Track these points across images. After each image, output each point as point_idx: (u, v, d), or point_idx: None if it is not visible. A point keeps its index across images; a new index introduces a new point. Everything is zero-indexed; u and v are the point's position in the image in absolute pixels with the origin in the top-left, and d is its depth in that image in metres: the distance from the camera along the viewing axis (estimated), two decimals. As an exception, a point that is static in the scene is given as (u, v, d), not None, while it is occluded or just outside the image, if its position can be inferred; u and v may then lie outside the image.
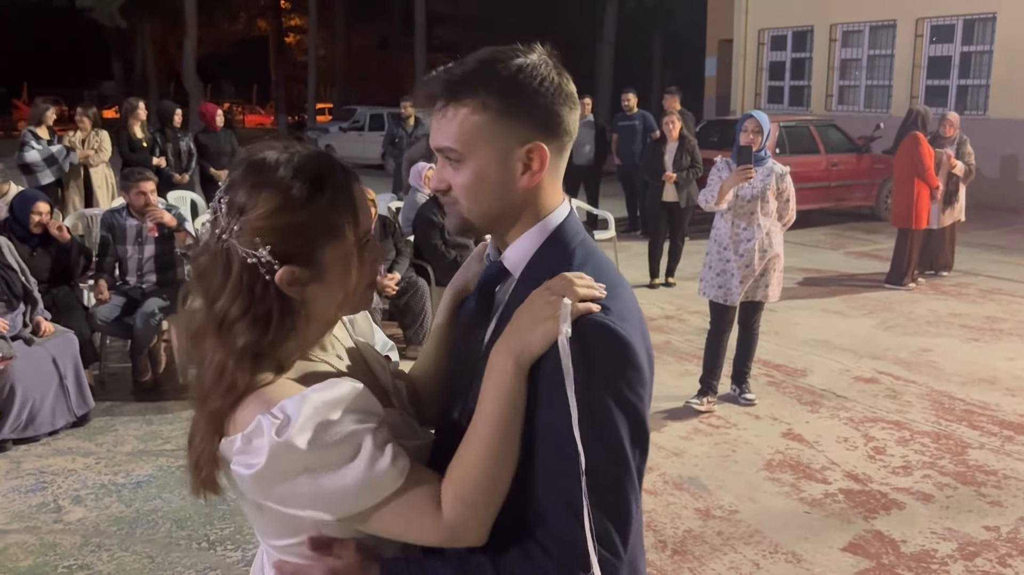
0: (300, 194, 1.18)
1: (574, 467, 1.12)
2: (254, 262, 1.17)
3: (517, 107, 1.22)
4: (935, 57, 15.20)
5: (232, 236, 1.18)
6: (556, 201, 1.31)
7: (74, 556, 3.57)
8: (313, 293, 1.22)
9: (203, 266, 1.22)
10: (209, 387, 1.19)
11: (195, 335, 1.23)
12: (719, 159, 5.24)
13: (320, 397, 1.14)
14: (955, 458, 4.54)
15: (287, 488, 1.13)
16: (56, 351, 4.81)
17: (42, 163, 8.51)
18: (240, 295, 1.18)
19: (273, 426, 1.11)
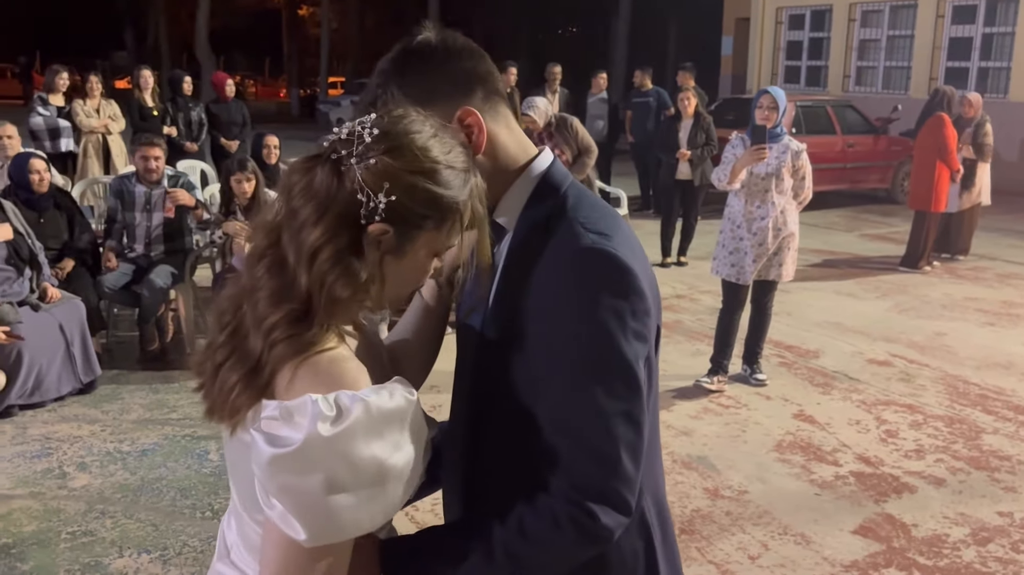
0: (447, 174, 1.11)
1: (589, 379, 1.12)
2: (363, 200, 1.06)
3: (422, 90, 1.22)
4: (956, 38, 14.96)
5: (361, 164, 1.07)
6: (529, 150, 1.29)
7: (78, 522, 3.56)
8: (386, 266, 1.12)
9: (297, 183, 1.10)
10: (279, 320, 1.07)
11: (258, 253, 1.12)
12: (734, 135, 5.15)
13: (377, 404, 1.05)
14: (969, 443, 4.48)
15: (293, 483, 1.02)
16: (63, 318, 4.78)
17: (44, 131, 8.48)
18: (339, 231, 1.06)
19: (320, 418, 1.01)
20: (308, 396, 1.03)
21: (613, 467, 1.13)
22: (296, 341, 1.07)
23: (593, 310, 1.13)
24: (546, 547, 1.14)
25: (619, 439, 1.13)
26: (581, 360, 1.13)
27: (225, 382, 1.11)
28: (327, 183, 1.08)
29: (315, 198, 1.08)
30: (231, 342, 1.13)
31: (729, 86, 19.45)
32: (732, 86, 19.33)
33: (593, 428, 1.13)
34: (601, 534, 1.14)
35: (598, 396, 1.12)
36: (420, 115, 1.15)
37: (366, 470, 1.03)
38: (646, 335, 1.17)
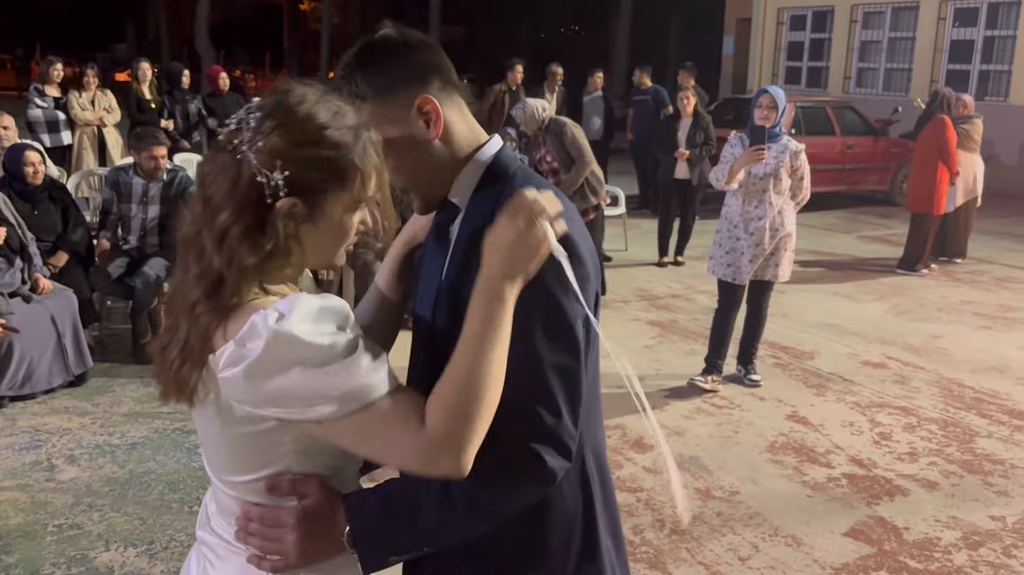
0: (335, 136, 1.19)
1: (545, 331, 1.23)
2: (263, 182, 1.16)
3: (382, 82, 1.31)
4: (957, 41, 14.93)
5: (251, 150, 1.16)
6: (480, 136, 1.40)
7: (65, 515, 3.54)
8: (303, 233, 1.21)
9: (208, 174, 1.20)
10: (199, 297, 1.17)
11: (186, 240, 1.22)
12: (733, 135, 5.13)
13: (314, 300, 1.15)
14: (962, 446, 4.46)
15: (278, 382, 1.12)
16: (55, 310, 4.76)
17: (43, 123, 8.46)
18: (244, 212, 1.16)
19: (269, 318, 1.11)
20: (250, 317, 1.13)
21: (555, 414, 1.23)
22: (215, 306, 1.17)
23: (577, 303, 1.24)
24: (499, 488, 1.23)
25: (560, 390, 1.23)
26: (524, 318, 1.21)
27: (167, 362, 1.20)
28: (229, 172, 1.18)
29: (221, 187, 1.18)
30: (171, 328, 1.22)
31: (730, 86, 19.42)
32: (733, 86, 19.29)
33: (536, 380, 1.23)
34: (547, 475, 1.23)
35: (540, 351, 1.23)
36: (302, 86, 1.23)
37: (331, 344, 1.13)
38: (585, 297, 1.26)
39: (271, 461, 1.22)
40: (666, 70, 25.43)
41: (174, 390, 1.20)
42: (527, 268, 1.19)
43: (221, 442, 1.24)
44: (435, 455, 1.15)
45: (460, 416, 1.15)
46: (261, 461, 1.23)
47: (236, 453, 1.24)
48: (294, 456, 1.22)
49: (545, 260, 1.21)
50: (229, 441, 1.23)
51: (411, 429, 1.15)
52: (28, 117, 8.43)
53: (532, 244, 1.18)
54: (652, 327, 6.38)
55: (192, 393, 1.19)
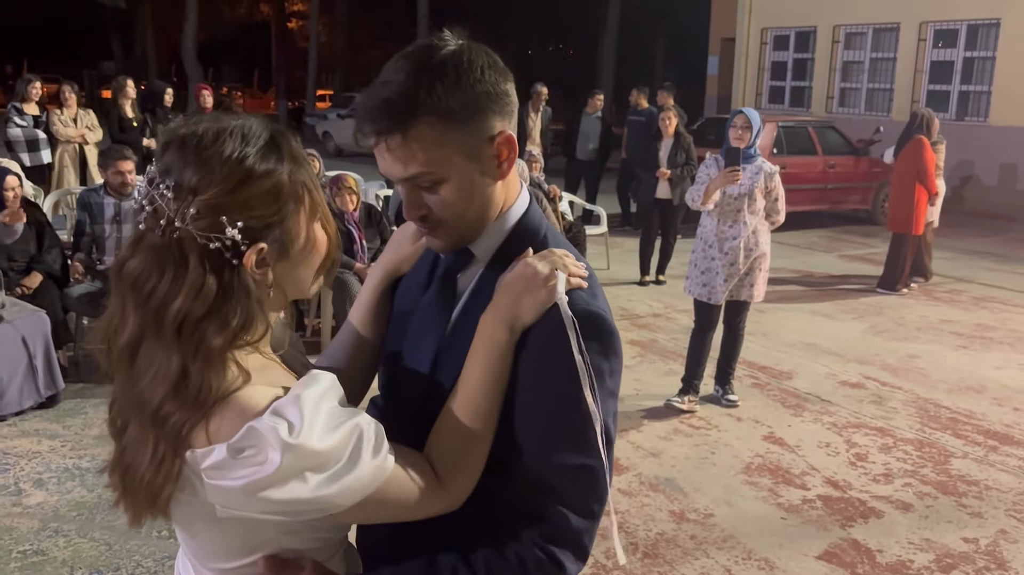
0: (259, 161, 1.07)
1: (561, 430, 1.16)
2: (217, 247, 1.04)
3: (469, 103, 1.14)
4: (937, 62, 15.10)
5: (187, 223, 1.03)
6: (517, 187, 1.28)
7: (30, 541, 3.49)
8: (278, 273, 1.11)
9: (138, 269, 1.06)
10: (163, 400, 1.04)
11: (128, 349, 1.07)
12: (708, 156, 5.15)
13: (311, 394, 1.05)
14: (937, 467, 4.46)
15: (290, 491, 1.02)
16: (26, 330, 4.71)
17: (23, 143, 8.41)
18: (200, 291, 1.03)
19: (278, 429, 1.01)
20: (248, 425, 1.01)
21: (586, 519, 1.18)
22: (185, 404, 1.05)
23: (574, 363, 1.15)
24: None
25: (590, 494, 1.18)
26: (561, 418, 1.16)
27: (134, 477, 1.08)
28: (167, 258, 1.05)
29: (162, 279, 1.05)
30: (130, 445, 1.10)
31: (715, 105, 19.55)
32: (717, 106, 19.43)
33: (568, 484, 1.16)
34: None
35: (574, 454, 1.16)
36: (191, 125, 1.09)
37: (345, 438, 1.06)
38: (617, 392, 1.23)
39: (259, 546, 1.14)
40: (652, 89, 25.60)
41: (145, 506, 1.08)
42: (530, 312, 1.16)
43: (203, 535, 1.14)
44: (450, 501, 1.16)
45: (468, 465, 1.16)
46: (248, 548, 1.14)
47: (219, 543, 1.15)
48: (283, 537, 1.14)
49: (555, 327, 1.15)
50: (211, 534, 1.13)
51: (430, 486, 1.14)
52: (7, 136, 8.39)
53: (542, 292, 1.16)
54: (632, 346, 6.37)
55: (166, 505, 1.08)
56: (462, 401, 1.17)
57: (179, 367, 1.04)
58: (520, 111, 8.46)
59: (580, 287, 1.19)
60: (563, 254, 1.21)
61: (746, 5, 18.03)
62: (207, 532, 1.13)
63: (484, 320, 1.18)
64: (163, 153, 1.07)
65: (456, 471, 1.16)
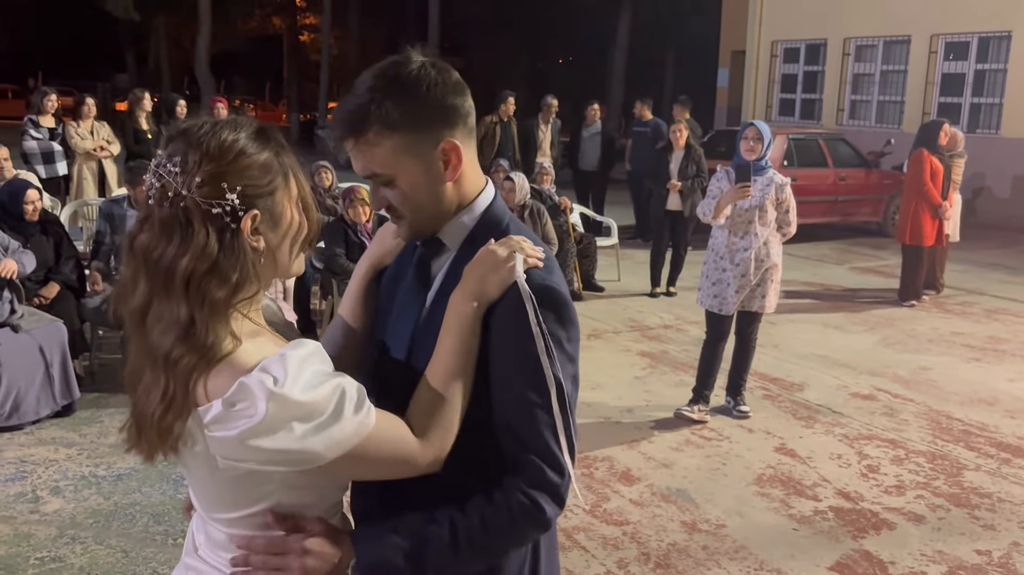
0: (251, 142, 1.25)
1: (529, 394, 1.32)
2: (219, 212, 1.20)
3: (415, 116, 1.33)
4: (949, 74, 15.10)
5: (193, 191, 1.19)
6: (479, 183, 1.45)
7: (47, 548, 3.53)
8: (268, 242, 1.26)
9: (148, 241, 1.21)
10: (173, 345, 1.19)
11: (138, 311, 1.22)
12: (719, 169, 5.18)
13: (297, 354, 1.19)
14: (950, 479, 4.46)
15: (278, 441, 1.16)
16: (44, 340, 4.77)
17: (39, 155, 8.50)
18: (205, 249, 1.19)
19: (264, 381, 1.15)
20: (238, 380, 1.16)
21: (556, 466, 1.34)
22: (192, 348, 1.19)
23: (534, 333, 1.32)
24: (503, 535, 1.34)
25: (554, 442, 1.34)
26: (527, 376, 1.32)
27: (145, 416, 1.22)
28: (174, 225, 1.20)
29: (170, 244, 1.20)
30: (145, 389, 1.24)
31: (724, 118, 19.57)
32: (728, 118, 19.45)
33: (537, 435, 1.33)
34: (545, 522, 1.35)
35: (539, 409, 1.33)
36: (190, 123, 1.26)
37: (327, 392, 1.19)
38: (575, 357, 1.39)
39: (260, 498, 1.26)
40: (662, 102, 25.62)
41: (158, 442, 1.22)
42: (493, 290, 1.33)
43: (208, 484, 1.27)
44: (429, 462, 1.30)
45: (444, 423, 1.31)
46: (250, 498, 1.26)
47: (224, 493, 1.27)
48: (283, 490, 1.26)
49: (515, 302, 1.32)
50: (216, 483, 1.26)
51: (410, 444, 1.27)
52: (23, 149, 8.47)
53: (503, 271, 1.33)
54: (643, 358, 6.39)
55: (176, 443, 1.21)
56: (436, 367, 1.33)
57: (187, 316, 1.19)
58: (530, 123, 8.65)
59: (536, 266, 1.36)
60: (521, 239, 1.37)
61: (756, 18, 18.08)
62: (211, 482, 1.26)
63: (453, 298, 1.35)
64: (169, 142, 1.24)
65: (433, 429, 1.30)
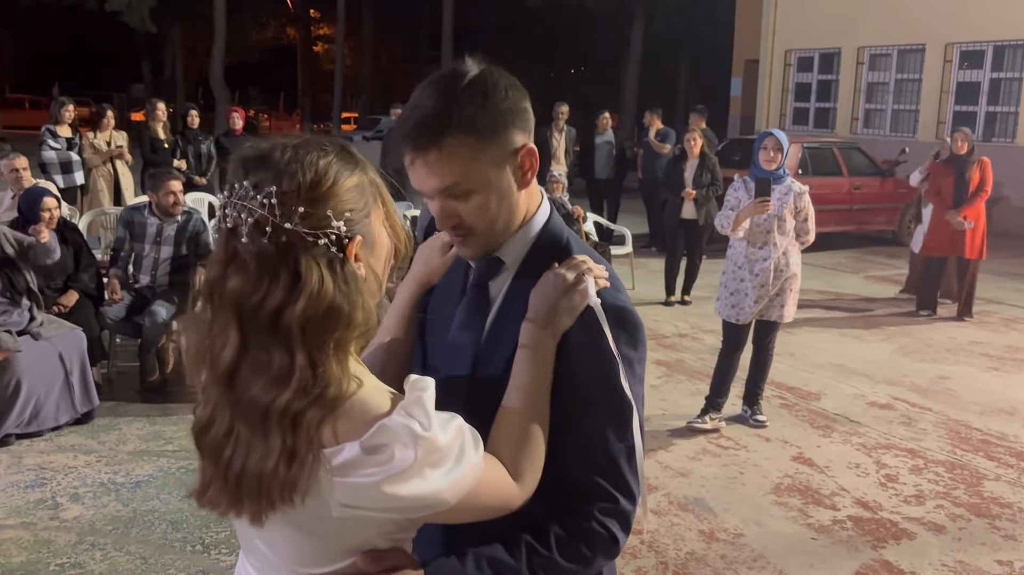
0: (343, 164, 1.14)
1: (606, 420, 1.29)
2: (324, 243, 1.09)
3: (495, 121, 1.27)
4: (964, 83, 15.04)
5: (296, 223, 1.07)
6: (539, 197, 1.41)
7: (67, 554, 3.54)
8: (371, 267, 1.17)
9: (243, 285, 1.09)
10: (292, 400, 1.08)
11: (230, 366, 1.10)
12: (736, 178, 5.17)
13: (430, 396, 1.13)
14: (970, 489, 4.43)
15: (414, 487, 1.09)
16: (63, 347, 4.80)
17: (57, 165, 8.57)
18: (323, 286, 1.08)
19: (410, 426, 1.08)
20: (379, 423, 1.08)
21: (626, 493, 1.31)
22: (317, 401, 1.09)
23: (611, 356, 1.30)
24: (577, 563, 1.29)
25: (628, 469, 1.32)
26: (605, 402, 1.30)
27: (253, 475, 1.10)
28: (280, 259, 1.08)
29: (276, 279, 1.08)
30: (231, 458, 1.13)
31: (738, 127, 19.56)
32: (741, 127, 19.44)
33: (612, 462, 1.30)
34: (616, 551, 1.33)
35: (614, 433, 1.30)
36: (264, 147, 1.14)
37: (455, 437, 1.14)
38: (643, 378, 1.38)
39: (354, 549, 1.17)
40: (675, 111, 25.63)
41: (280, 500, 1.09)
42: (568, 317, 1.28)
43: (301, 539, 1.16)
44: (524, 495, 1.24)
45: (534, 460, 1.25)
46: (349, 550, 1.17)
47: (321, 548, 1.17)
48: (380, 539, 1.19)
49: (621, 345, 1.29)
50: (313, 538, 1.16)
51: (511, 487, 1.22)
52: (41, 158, 8.54)
53: (575, 297, 1.28)
54: (658, 367, 6.37)
55: (302, 496, 1.10)
56: (516, 401, 1.26)
57: (307, 362, 1.08)
58: (543, 132, 8.66)
59: (605, 287, 1.32)
60: (584, 259, 1.33)
61: (770, 27, 18.08)
62: (309, 537, 1.16)
63: (526, 328, 1.29)
64: (246, 172, 1.11)
65: (525, 467, 1.24)
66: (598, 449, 1.30)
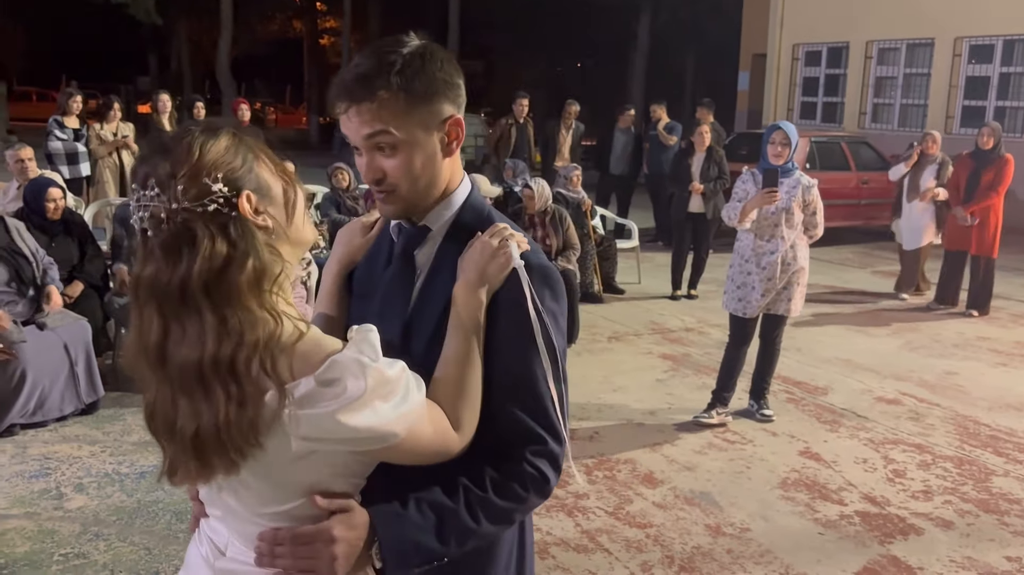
0: (206, 134, 1.22)
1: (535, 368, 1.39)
2: (215, 208, 1.17)
3: (428, 86, 1.36)
4: (973, 77, 14.94)
5: (181, 201, 1.16)
6: (461, 172, 1.50)
7: (71, 544, 3.54)
8: (272, 217, 1.25)
9: (153, 272, 1.19)
10: (215, 350, 1.16)
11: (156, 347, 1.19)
12: (745, 170, 5.13)
13: (368, 334, 1.24)
14: (978, 485, 4.40)
15: (366, 418, 1.18)
16: (68, 338, 4.79)
17: (63, 155, 8.56)
18: (214, 248, 1.17)
19: (359, 358, 1.19)
20: (331, 359, 1.18)
21: (556, 436, 1.41)
22: (241, 344, 1.17)
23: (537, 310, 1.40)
24: (513, 504, 1.38)
25: (555, 414, 1.41)
26: (533, 353, 1.39)
27: (215, 433, 1.18)
28: (180, 237, 1.18)
29: (180, 256, 1.17)
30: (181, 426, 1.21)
31: (745, 121, 19.48)
32: (748, 121, 19.35)
33: (541, 407, 1.40)
34: (548, 490, 1.42)
35: (542, 381, 1.40)
36: (146, 144, 1.28)
37: (399, 374, 1.24)
38: (565, 330, 1.47)
39: (310, 487, 1.27)
40: (682, 105, 25.53)
41: (243, 443, 1.18)
42: (496, 278, 1.38)
43: (263, 477, 1.25)
44: (463, 440, 1.34)
45: (470, 410, 1.35)
46: (302, 488, 1.27)
47: (278, 484, 1.27)
48: (332, 479, 1.28)
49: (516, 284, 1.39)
50: (274, 474, 1.25)
51: (450, 432, 1.32)
52: (48, 149, 8.53)
53: (501, 259, 1.38)
54: (664, 360, 6.35)
55: (261, 435, 1.18)
56: (452, 358, 1.36)
57: (216, 317, 1.17)
58: (551, 127, 8.65)
59: (526, 249, 1.42)
60: (505, 226, 1.43)
61: (778, 21, 17.97)
62: (269, 476, 1.25)
63: (458, 291, 1.39)
64: (135, 174, 1.22)
65: (463, 417, 1.35)
66: (528, 396, 1.39)
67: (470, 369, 1.36)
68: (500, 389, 1.40)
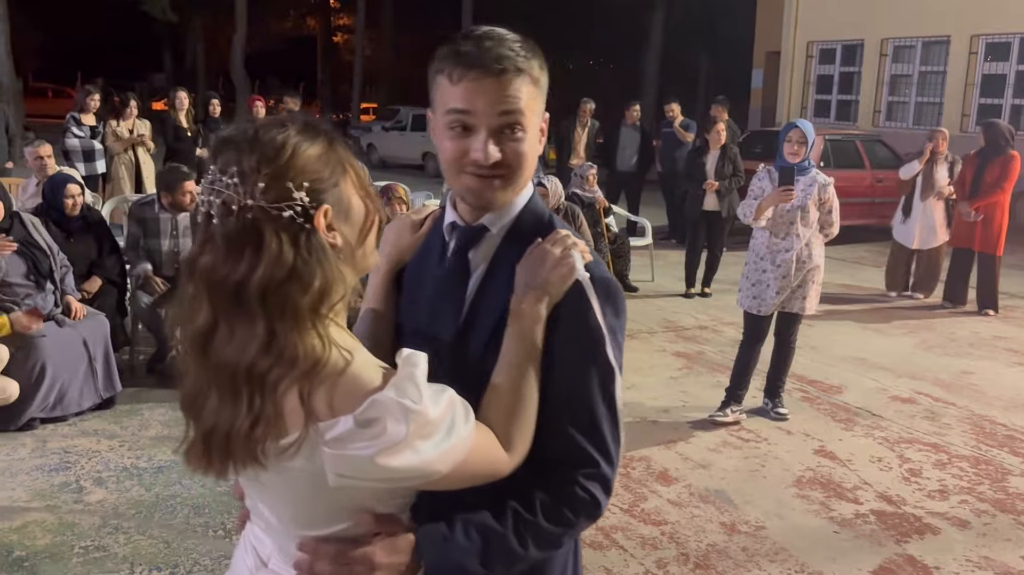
0: (302, 136, 1.17)
1: (593, 387, 1.34)
2: (290, 215, 1.12)
3: (544, 83, 1.36)
4: (989, 75, 14.84)
5: (258, 198, 1.11)
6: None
7: (91, 537, 3.57)
8: (345, 236, 1.20)
9: (212, 261, 1.14)
10: (255, 358, 1.12)
11: (200, 335, 1.15)
12: (761, 168, 5.13)
13: (421, 372, 1.17)
14: (995, 484, 4.38)
15: (406, 459, 1.13)
16: (87, 333, 4.83)
17: (79, 152, 8.62)
18: (280, 256, 1.11)
19: (401, 401, 1.13)
20: (371, 398, 1.12)
21: (608, 458, 1.36)
22: (280, 363, 1.12)
23: (598, 326, 1.35)
24: (562, 529, 1.33)
25: (610, 436, 1.37)
26: (594, 371, 1.35)
27: (222, 432, 1.16)
28: (243, 238, 1.12)
29: (241, 254, 1.12)
30: (206, 417, 1.19)
31: (759, 119, 19.41)
32: (762, 119, 19.29)
33: (596, 428, 1.35)
34: (598, 514, 1.37)
35: (599, 400, 1.35)
36: (232, 131, 1.18)
37: (447, 409, 1.19)
38: (623, 345, 1.43)
39: (353, 511, 1.23)
40: (695, 102, 25.46)
41: (245, 457, 1.15)
42: (558, 289, 1.32)
43: (304, 500, 1.22)
44: (515, 462, 1.29)
45: (524, 428, 1.29)
46: (347, 514, 1.23)
47: (320, 510, 1.23)
48: (374, 504, 1.24)
49: (579, 297, 1.33)
50: (314, 500, 1.22)
51: (501, 456, 1.27)
52: (65, 146, 8.60)
53: (564, 270, 1.32)
54: (678, 358, 6.35)
55: (264, 457, 1.15)
56: (508, 372, 1.30)
57: (266, 329, 1.12)
58: (565, 125, 8.65)
59: (589, 260, 1.37)
60: (567, 234, 1.38)
61: (792, 19, 17.89)
62: (308, 501, 1.22)
63: (516, 300, 1.33)
64: (216, 156, 1.16)
65: (516, 434, 1.29)
66: (584, 416, 1.34)
67: (527, 384, 1.30)
68: (555, 405, 1.34)
